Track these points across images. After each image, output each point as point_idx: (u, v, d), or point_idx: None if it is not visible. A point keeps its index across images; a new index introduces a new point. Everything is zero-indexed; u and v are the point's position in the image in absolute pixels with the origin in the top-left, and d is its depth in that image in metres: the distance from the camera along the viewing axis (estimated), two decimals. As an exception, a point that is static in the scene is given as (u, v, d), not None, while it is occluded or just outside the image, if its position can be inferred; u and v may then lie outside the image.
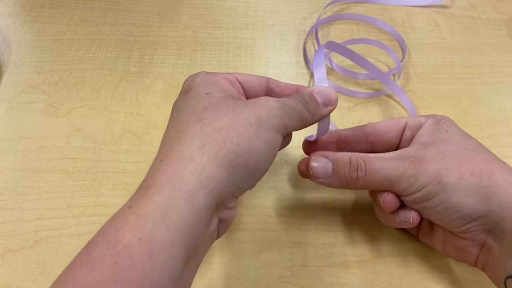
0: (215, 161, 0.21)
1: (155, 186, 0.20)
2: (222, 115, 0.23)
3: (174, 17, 0.46)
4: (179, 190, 0.20)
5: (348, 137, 0.30)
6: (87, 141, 0.35)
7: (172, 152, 0.22)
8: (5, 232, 0.30)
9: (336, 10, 0.48)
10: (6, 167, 0.34)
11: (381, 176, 0.26)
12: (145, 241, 0.18)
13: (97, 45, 0.43)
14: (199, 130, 0.22)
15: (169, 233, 0.19)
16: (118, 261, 0.18)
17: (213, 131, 0.22)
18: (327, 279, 0.29)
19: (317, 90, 0.26)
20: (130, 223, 0.19)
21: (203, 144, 0.21)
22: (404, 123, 0.29)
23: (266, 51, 0.44)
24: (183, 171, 0.21)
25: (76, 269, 0.18)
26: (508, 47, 0.46)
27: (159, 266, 0.19)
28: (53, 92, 0.39)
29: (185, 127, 0.23)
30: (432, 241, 0.29)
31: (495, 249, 0.25)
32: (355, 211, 0.33)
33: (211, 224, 0.22)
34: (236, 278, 0.29)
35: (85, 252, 0.19)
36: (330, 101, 0.26)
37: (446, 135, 0.27)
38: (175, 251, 0.19)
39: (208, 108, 0.23)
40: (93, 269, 0.18)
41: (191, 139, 0.22)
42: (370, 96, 0.40)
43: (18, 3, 0.46)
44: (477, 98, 0.41)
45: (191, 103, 0.24)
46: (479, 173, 0.25)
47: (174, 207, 0.20)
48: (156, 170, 0.21)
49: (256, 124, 0.23)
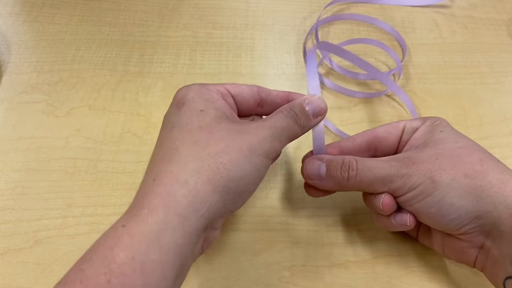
0: (208, 186, 0.22)
1: (148, 207, 0.21)
2: (217, 139, 0.23)
3: (174, 17, 0.46)
4: (172, 213, 0.20)
5: (350, 148, 0.29)
6: (87, 141, 0.35)
7: (166, 173, 0.22)
8: (5, 232, 0.30)
9: (336, 10, 0.48)
10: (6, 167, 0.34)
11: (373, 175, 0.26)
12: (138, 261, 0.19)
13: (97, 45, 0.43)
14: (194, 153, 0.23)
15: (162, 254, 0.20)
16: (111, 279, 0.18)
17: (208, 156, 0.22)
18: (327, 279, 0.29)
19: (308, 101, 0.26)
20: (124, 242, 0.19)
21: (199, 169, 0.22)
22: (402, 127, 0.29)
23: (266, 51, 0.44)
24: (177, 193, 0.21)
25: (69, 285, 0.19)
26: (508, 47, 0.46)
27: (150, 284, 0.19)
28: (53, 92, 0.39)
29: (179, 146, 0.23)
30: (431, 243, 0.29)
31: (494, 251, 0.25)
32: (355, 211, 0.33)
33: (198, 243, 0.22)
34: (236, 278, 0.29)
35: (78, 268, 0.19)
36: (320, 112, 0.26)
37: (441, 135, 0.27)
38: (166, 271, 0.20)
39: (203, 128, 0.24)
40: (86, 286, 0.18)
41: (185, 161, 0.22)
42: (370, 96, 0.40)
43: (18, 3, 0.46)
44: (477, 98, 0.41)
45: (185, 120, 0.25)
46: (473, 174, 0.25)
47: (167, 229, 0.20)
48: (149, 190, 0.22)
49: (248, 151, 0.23)
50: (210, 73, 0.41)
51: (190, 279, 0.29)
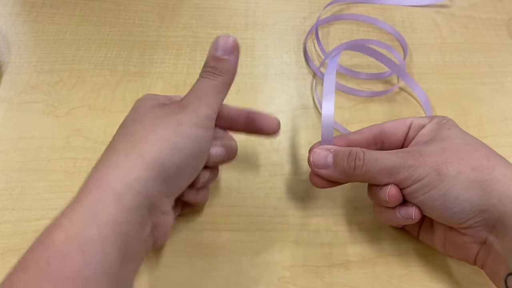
0: (140, 164, 0.22)
1: (83, 191, 0.22)
2: (146, 124, 0.24)
3: (174, 17, 0.46)
4: (106, 192, 0.21)
5: (357, 141, 0.30)
6: (87, 141, 0.35)
7: (101, 162, 0.23)
8: (5, 232, 0.30)
9: (336, 10, 0.48)
10: (6, 167, 0.34)
11: (380, 166, 0.26)
12: (76, 239, 0.19)
13: (97, 45, 0.43)
14: (126, 141, 0.24)
15: (99, 231, 0.20)
16: (50, 260, 0.19)
17: (138, 139, 0.23)
18: (327, 279, 0.29)
19: (215, 46, 0.27)
20: (62, 225, 0.20)
21: (128, 152, 0.23)
22: (409, 123, 0.30)
23: (266, 51, 0.44)
24: (109, 174, 0.22)
25: (12, 276, 0.19)
26: (508, 47, 0.46)
27: (92, 262, 0.19)
28: (53, 92, 0.39)
29: (114, 140, 0.25)
30: (432, 240, 0.29)
31: (497, 246, 0.25)
32: (355, 211, 0.33)
33: (145, 226, 0.23)
34: (236, 278, 0.29)
35: (22, 259, 0.20)
36: (230, 48, 0.26)
37: (448, 132, 0.27)
38: (106, 248, 0.20)
39: (135, 119, 0.25)
40: (28, 272, 0.19)
41: (117, 149, 0.24)
42: (373, 95, 0.40)
43: (18, 3, 0.46)
44: (477, 98, 0.41)
45: (124, 121, 0.26)
46: (479, 168, 0.25)
47: (103, 207, 0.21)
48: (86, 179, 0.23)
49: (176, 124, 0.24)
50: (210, 73, 0.41)
51: (190, 279, 0.29)
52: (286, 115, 0.39)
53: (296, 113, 0.39)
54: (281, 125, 0.36)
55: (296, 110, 0.39)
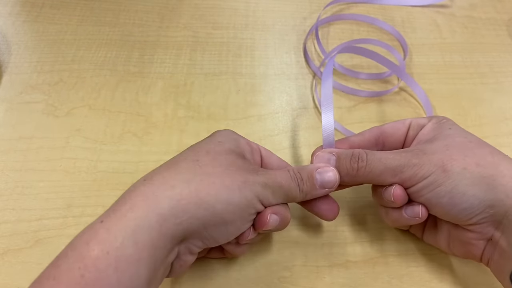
0: (194, 198, 0.22)
1: (130, 203, 0.21)
2: (217, 164, 0.24)
3: (174, 17, 0.46)
4: (153, 212, 0.21)
5: (359, 143, 0.30)
6: (87, 141, 0.35)
7: (158, 176, 0.23)
8: (5, 232, 0.30)
9: (336, 10, 0.48)
10: (6, 167, 0.34)
11: (384, 166, 0.26)
12: (113, 256, 0.19)
13: (97, 45, 0.43)
14: (191, 168, 0.23)
15: (137, 250, 0.20)
16: (85, 274, 0.19)
17: (203, 173, 0.23)
18: (327, 279, 0.29)
19: (320, 170, 0.26)
20: (100, 236, 0.20)
21: (189, 180, 0.23)
22: (409, 123, 0.30)
23: (266, 51, 0.44)
24: (162, 195, 0.22)
25: (44, 282, 0.19)
26: (508, 47, 0.46)
27: (124, 281, 0.19)
28: (53, 92, 0.39)
29: (180, 161, 0.24)
30: (437, 239, 0.29)
31: (503, 242, 0.24)
32: (355, 211, 0.33)
33: (171, 254, 0.22)
34: (236, 278, 0.29)
35: (54, 265, 0.20)
36: (329, 184, 0.26)
37: (450, 131, 0.27)
38: (140, 269, 0.20)
39: (209, 153, 0.25)
40: (60, 282, 0.19)
41: (180, 172, 0.23)
42: (373, 95, 0.40)
43: (18, 3, 0.46)
44: (477, 98, 0.41)
45: (199, 144, 0.26)
46: (484, 164, 0.25)
47: (144, 226, 0.20)
48: (136, 188, 0.22)
49: (242, 183, 0.24)
50: (210, 73, 0.41)
51: (190, 279, 0.29)
52: (286, 115, 0.39)
53: (296, 113, 0.39)
54: (281, 125, 0.36)
55: (296, 110, 0.39)
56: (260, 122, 0.38)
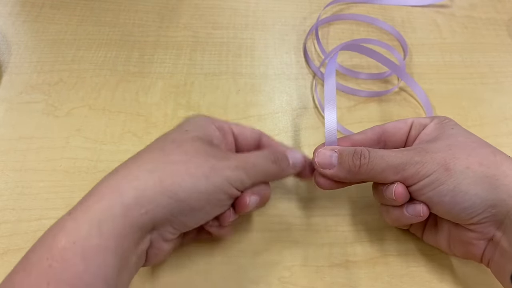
0: (158, 187, 0.22)
1: (96, 194, 0.22)
2: (182, 151, 0.24)
3: (174, 17, 0.46)
4: (117, 202, 0.21)
5: (361, 141, 0.30)
6: (87, 141, 0.35)
7: (124, 168, 0.23)
8: (5, 232, 0.30)
9: (336, 10, 0.48)
10: (6, 167, 0.34)
11: (386, 163, 0.26)
12: (79, 245, 0.20)
13: (97, 45, 0.43)
14: (156, 157, 0.24)
15: (102, 240, 0.20)
16: (52, 264, 0.19)
17: (167, 162, 0.23)
18: (327, 279, 0.29)
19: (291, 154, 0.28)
20: (67, 228, 0.20)
21: (153, 169, 0.23)
22: (410, 123, 0.30)
23: (266, 51, 0.44)
24: (126, 185, 0.22)
25: (13, 276, 0.20)
26: (508, 47, 0.46)
27: (92, 269, 0.20)
28: (53, 92, 0.39)
29: (146, 152, 0.25)
30: (437, 240, 0.29)
31: (504, 242, 0.24)
32: (355, 211, 0.33)
33: (142, 243, 0.23)
34: (236, 278, 0.29)
35: (24, 258, 0.20)
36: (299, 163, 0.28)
37: (452, 131, 0.27)
38: (107, 258, 0.20)
39: (175, 141, 0.25)
40: (29, 273, 0.19)
41: (145, 162, 0.24)
42: (373, 95, 0.40)
43: (18, 3, 0.46)
44: (477, 98, 0.41)
45: (166, 134, 0.26)
46: (487, 163, 0.25)
47: (109, 216, 0.21)
48: (103, 181, 0.23)
49: (208, 170, 0.24)
50: (210, 73, 0.41)
51: (190, 279, 0.29)
52: (286, 115, 0.39)
53: (296, 113, 0.39)
54: (281, 125, 0.36)
55: (296, 110, 0.39)
56: (260, 122, 0.38)
